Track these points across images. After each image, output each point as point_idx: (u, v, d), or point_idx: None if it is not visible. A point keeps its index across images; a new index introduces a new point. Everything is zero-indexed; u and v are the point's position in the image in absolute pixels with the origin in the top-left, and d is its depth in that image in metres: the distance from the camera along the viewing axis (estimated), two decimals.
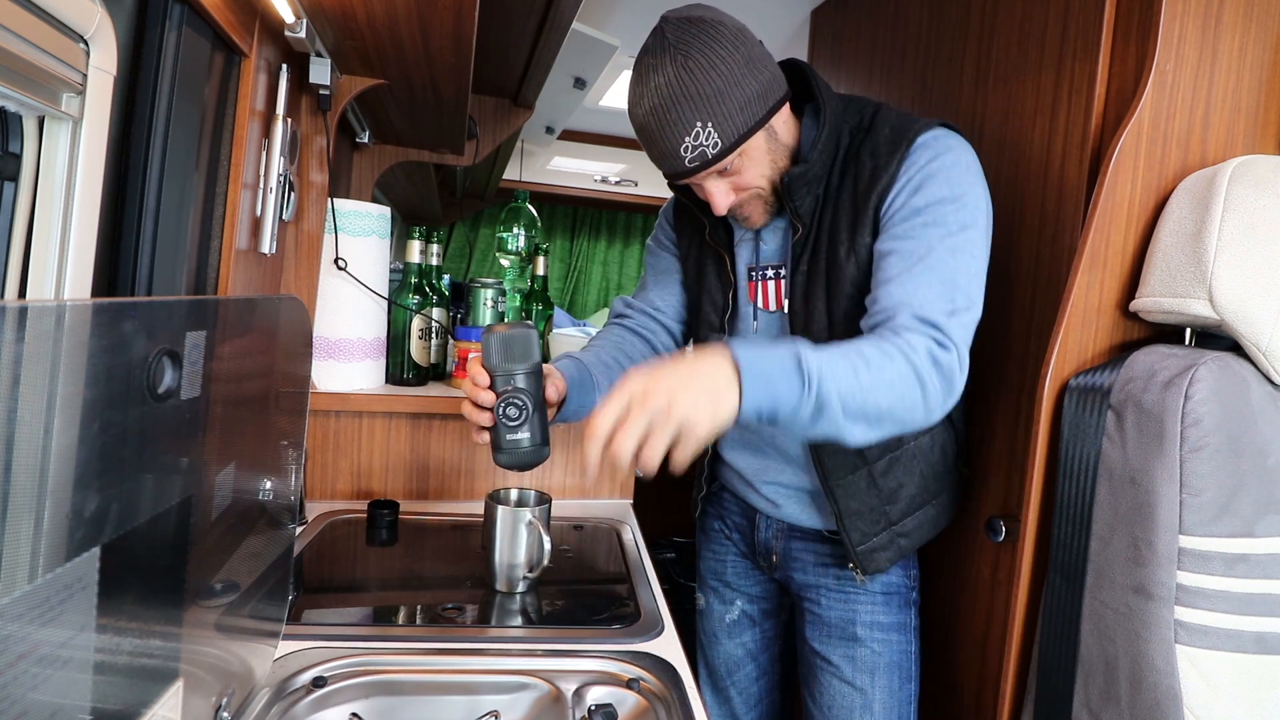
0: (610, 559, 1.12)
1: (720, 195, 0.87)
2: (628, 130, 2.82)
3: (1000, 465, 1.01)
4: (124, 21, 0.66)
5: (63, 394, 0.37)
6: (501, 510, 0.95)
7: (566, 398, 0.92)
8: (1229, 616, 0.71)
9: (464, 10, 0.86)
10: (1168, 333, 0.87)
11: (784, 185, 0.87)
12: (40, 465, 0.36)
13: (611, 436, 0.65)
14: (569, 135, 2.86)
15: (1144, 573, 0.74)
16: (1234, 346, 0.78)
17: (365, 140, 1.53)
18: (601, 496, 1.40)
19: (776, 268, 0.96)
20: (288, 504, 0.73)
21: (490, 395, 0.83)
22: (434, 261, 1.39)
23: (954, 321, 0.78)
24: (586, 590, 1.01)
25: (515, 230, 1.70)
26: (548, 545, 0.94)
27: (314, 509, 1.22)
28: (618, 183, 3.24)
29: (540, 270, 1.68)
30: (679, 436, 0.65)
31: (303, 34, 0.89)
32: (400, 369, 1.35)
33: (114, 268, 0.69)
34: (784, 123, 0.88)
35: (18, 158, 0.58)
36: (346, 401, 1.24)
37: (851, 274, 0.87)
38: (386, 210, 1.29)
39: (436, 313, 1.38)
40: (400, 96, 1.24)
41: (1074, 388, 0.83)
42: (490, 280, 1.50)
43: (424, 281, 1.37)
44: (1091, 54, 0.89)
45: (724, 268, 1.00)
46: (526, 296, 1.69)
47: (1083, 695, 0.80)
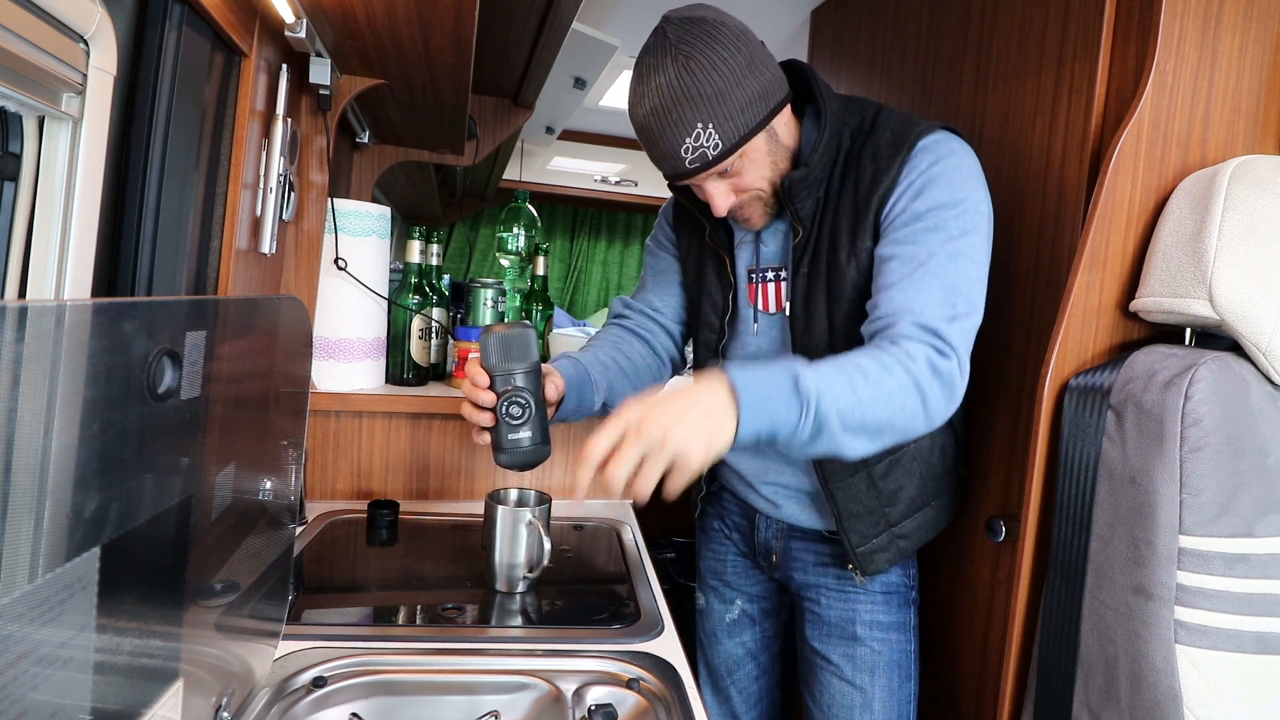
0: (610, 559, 1.12)
1: (720, 196, 0.87)
2: (628, 130, 2.82)
3: (1000, 465, 1.01)
4: (124, 21, 0.66)
5: (63, 394, 0.37)
6: (501, 510, 0.95)
7: (565, 397, 0.93)
8: (1229, 616, 0.71)
9: (464, 10, 0.86)
10: (1168, 333, 0.87)
11: (785, 189, 0.87)
12: (40, 465, 0.36)
13: (605, 462, 0.67)
14: (569, 135, 2.87)
15: (1144, 573, 0.74)
16: (1234, 346, 0.78)
17: (365, 140, 1.53)
18: (601, 496, 1.40)
19: (777, 270, 0.96)
20: (288, 504, 0.73)
21: (490, 395, 0.83)
22: (434, 261, 1.39)
23: (954, 327, 0.78)
24: (586, 590, 1.01)
25: (515, 230, 1.70)
26: (548, 545, 0.94)
27: (314, 509, 1.22)
28: (618, 183, 3.24)
29: (540, 270, 1.68)
30: (673, 466, 0.66)
31: (303, 34, 0.89)
32: (400, 369, 1.35)
33: (114, 268, 0.69)
34: (785, 124, 0.88)
35: (18, 158, 0.58)
36: (346, 401, 1.24)
37: (852, 277, 0.87)
38: (386, 210, 1.29)
39: (436, 313, 1.38)
40: (400, 96, 1.24)
41: (1074, 388, 0.83)
42: (490, 280, 1.50)
43: (424, 281, 1.37)
44: (1091, 54, 0.89)
45: (724, 269, 1.00)
46: (526, 296, 1.69)
47: (1083, 695, 0.80)
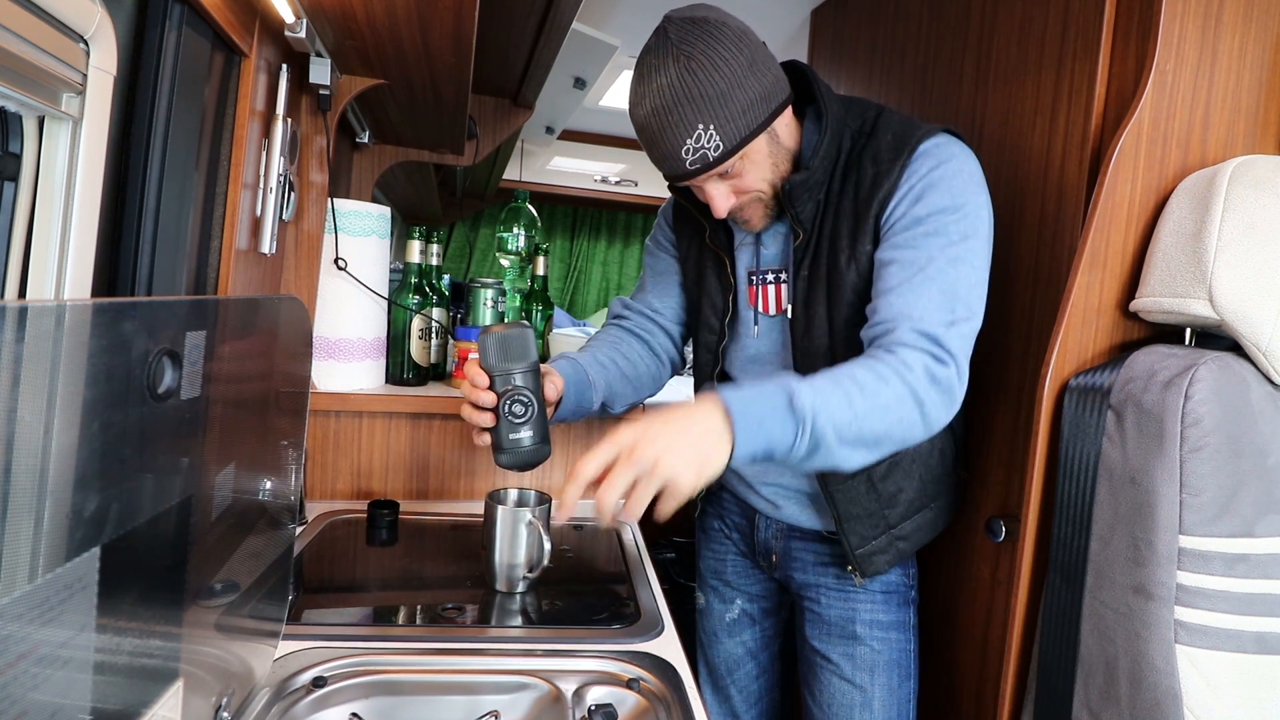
0: (610, 559, 1.12)
1: (721, 198, 0.87)
2: (628, 130, 2.83)
3: (1000, 465, 1.01)
4: (124, 21, 0.66)
5: (63, 394, 0.37)
6: (501, 510, 0.95)
7: (564, 397, 0.93)
8: (1229, 616, 0.71)
9: (464, 10, 0.86)
10: (1168, 333, 0.87)
11: (785, 192, 0.87)
12: (40, 465, 0.36)
13: (597, 480, 0.68)
14: (569, 135, 2.87)
15: (1144, 573, 0.74)
16: (1234, 346, 0.78)
17: (365, 140, 1.53)
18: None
19: (777, 272, 0.96)
20: (288, 504, 0.73)
21: (490, 396, 0.83)
22: (434, 261, 1.39)
23: (953, 332, 0.78)
24: (586, 590, 1.01)
25: (515, 230, 1.70)
26: (548, 545, 0.94)
27: (314, 509, 1.22)
28: (618, 183, 3.24)
29: (540, 270, 1.68)
30: (663, 490, 0.67)
31: (303, 34, 0.89)
32: (400, 369, 1.35)
33: (114, 268, 0.69)
34: (786, 126, 0.88)
35: (18, 158, 0.58)
36: (346, 401, 1.24)
37: (852, 281, 0.87)
38: (386, 210, 1.29)
39: (436, 313, 1.38)
40: (400, 96, 1.24)
41: (1074, 388, 0.83)
42: (490, 280, 1.50)
43: (424, 281, 1.37)
44: (1091, 54, 0.89)
45: (724, 271, 1.00)
46: (526, 296, 1.69)
47: (1083, 695, 0.80)
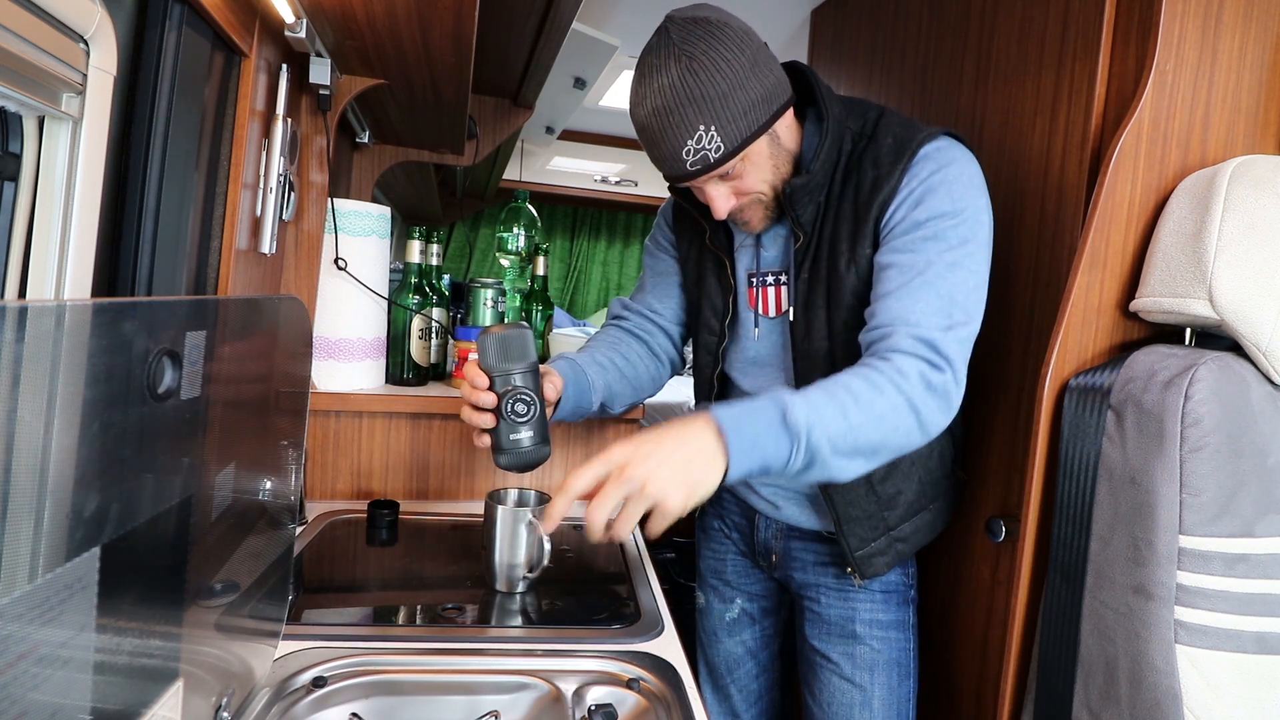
0: (610, 559, 1.12)
1: (721, 199, 0.87)
2: (628, 130, 2.83)
3: (1000, 465, 1.01)
4: (124, 21, 0.66)
5: (63, 394, 0.37)
6: (501, 510, 0.95)
7: (563, 397, 0.93)
8: (1229, 616, 0.71)
9: (464, 10, 0.86)
10: (1168, 333, 0.87)
11: (786, 196, 0.87)
12: (40, 465, 0.36)
13: (590, 495, 0.68)
14: (569, 135, 2.87)
15: (1144, 573, 0.74)
16: (1234, 346, 0.78)
17: (365, 140, 1.53)
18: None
19: (777, 274, 0.96)
20: (288, 504, 0.73)
21: (491, 396, 0.83)
22: (434, 261, 1.39)
23: (949, 337, 0.78)
24: (586, 590, 1.01)
25: (515, 230, 1.70)
26: (548, 545, 0.94)
27: (314, 509, 1.22)
28: (618, 183, 3.25)
29: (540, 270, 1.68)
30: (653, 509, 0.68)
31: (303, 34, 0.89)
32: (400, 369, 1.35)
33: (114, 268, 0.69)
34: (787, 128, 0.87)
35: (18, 158, 0.58)
36: (346, 401, 1.24)
37: (852, 284, 0.87)
38: (386, 210, 1.29)
39: (436, 313, 1.38)
40: (400, 96, 1.24)
41: (1074, 388, 0.83)
42: (490, 280, 1.50)
43: (424, 281, 1.37)
44: (1091, 54, 0.89)
45: (724, 272, 1.00)
46: (526, 296, 1.69)
47: (1083, 695, 0.80)
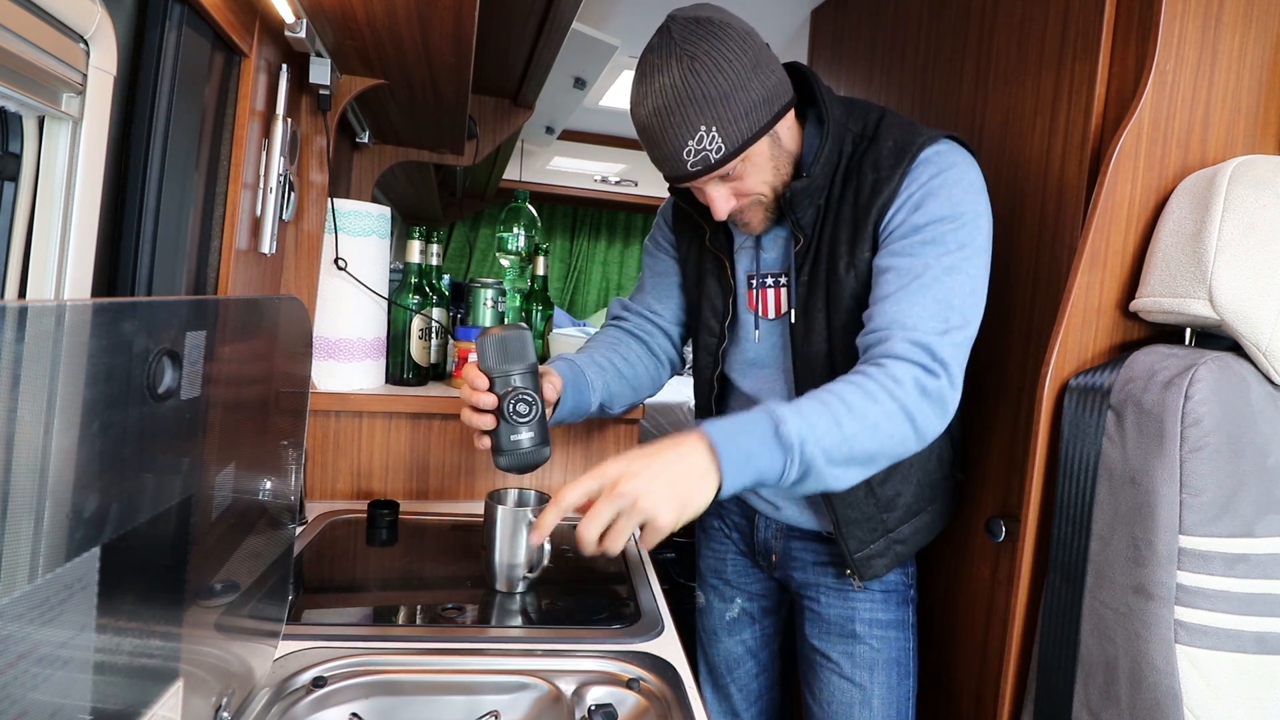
0: (610, 559, 1.12)
1: (721, 200, 0.87)
2: (628, 130, 2.83)
3: (1000, 466, 1.01)
4: (124, 21, 0.66)
5: (63, 394, 0.37)
6: (501, 510, 0.95)
7: (562, 397, 0.93)
8: (1229, 616, 0.71)
9: (464, 10, 0.86)
10: (1168, 333, 0.87)
11: (787, 199, 0.87)
12: (40, 465, 0.36)
13: (582, 509, 0.69)
14: (569, 135, 2.87)
15: (1144, 573, 0.74)
16: (1234, 346, 0.78)
17: (365, 140, 1.53)
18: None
19: (776, 276, 0.96)
20: (288, 504, 0.73)
21: (491, 398, 0.83)
22: (434, 261, 1.39)
23: (945, 341, 0.78)
24: (586, 590, 1.01)
25: (515, 230, 1.70)
26: (547, 545, 0.94)
27: (314, 509, 1.22)
28: (618, 183, 3.25)
29: (540, 270, 1.68)
30: (645, 525, 0.68)
31: (303, 34, 0.89)
32: (400, 369, 1.35)
33: (114, 268, 0.69)
34: (788, 129, 0.87)
35: (18, 158, 0.58)
36: (346, 401, 1.24)
37: (851, 287, 0.87)
38: (386, 210, 1.29)
39: (436, 313, 1.38)
40: (400, 96, 1.24)
41: (1074, 388, 0.83)
42: (490, 280, 1.50)
43: (424, 281, 1.37)
44: (1091, 54, 0.89)
45: (724, 273, 1.00)
46: (526, 296, 1.69)
47: (1083, 695, 0.80)
